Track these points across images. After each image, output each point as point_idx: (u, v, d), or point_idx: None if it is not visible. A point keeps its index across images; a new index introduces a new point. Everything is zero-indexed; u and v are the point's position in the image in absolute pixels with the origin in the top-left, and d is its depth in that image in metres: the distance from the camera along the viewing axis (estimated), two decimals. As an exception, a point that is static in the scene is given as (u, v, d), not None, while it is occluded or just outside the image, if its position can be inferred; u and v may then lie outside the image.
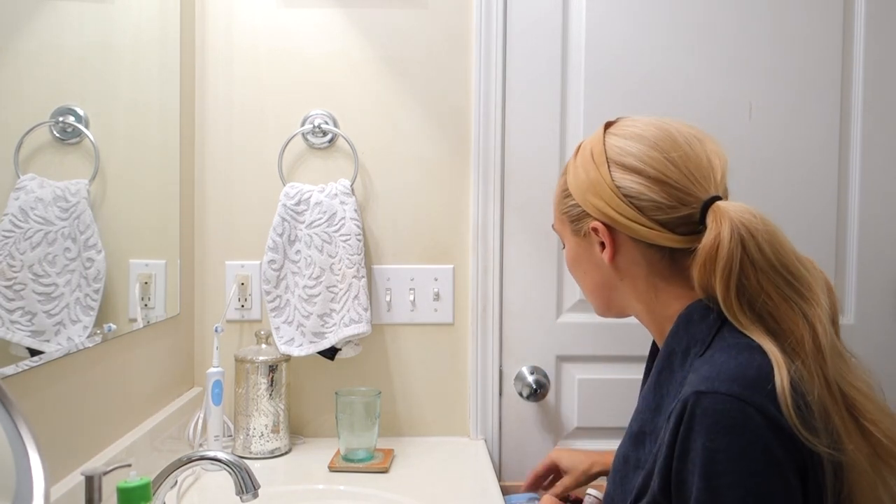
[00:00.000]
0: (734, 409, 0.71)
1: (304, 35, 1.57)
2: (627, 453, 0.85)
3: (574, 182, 0.91)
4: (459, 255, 1.60)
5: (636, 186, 0.85)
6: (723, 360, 0.76)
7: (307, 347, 1.51)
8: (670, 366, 0.83)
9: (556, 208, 0.97)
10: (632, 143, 0.87)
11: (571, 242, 0.95)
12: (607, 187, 0.86)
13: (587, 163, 0.90)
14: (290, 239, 1.52)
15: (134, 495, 0.89)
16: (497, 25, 1.56)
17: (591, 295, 0.97)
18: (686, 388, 0.75)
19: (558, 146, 1.58)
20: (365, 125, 1.58)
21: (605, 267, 0.91)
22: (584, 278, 0.96)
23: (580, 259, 0.94)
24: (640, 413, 0.85)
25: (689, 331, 0.83)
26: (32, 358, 0.93)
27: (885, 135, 1.59)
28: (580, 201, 0.90)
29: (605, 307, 0.96)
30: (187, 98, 1.53)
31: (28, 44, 0.95)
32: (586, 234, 0.91)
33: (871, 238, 1.60)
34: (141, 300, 1.29)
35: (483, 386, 1.58)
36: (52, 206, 0.99)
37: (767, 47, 1.57)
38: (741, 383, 0.73)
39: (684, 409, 0.73)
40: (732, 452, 0.70)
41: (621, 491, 0.85)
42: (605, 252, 0.90)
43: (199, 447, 1.44)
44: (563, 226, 0.96)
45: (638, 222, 0.85)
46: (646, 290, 0.89)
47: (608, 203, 0.87)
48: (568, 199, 0.93)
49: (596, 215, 0.88)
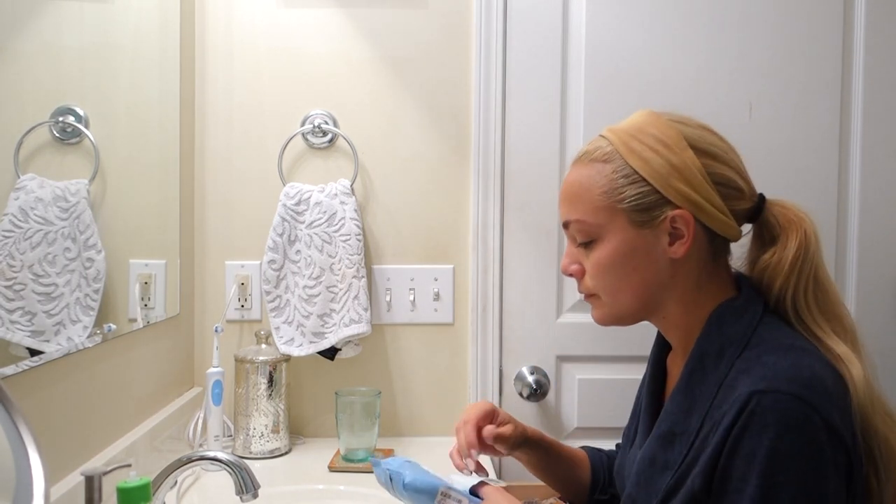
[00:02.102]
0: (796, 409, 0.72)
1: (304, 35, 1.57)
2: (655, 454, 0.84)
3: (648, 169, 0.83)
4: (459, 255, 1.60)
5: (723, 172, 0.83)
6: (773, 360, 0.76)
7: (307, 347, 1.51)
8: (702, 368, 0.82)
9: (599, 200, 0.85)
10: (699, 130, 0.86)
11: (623, 236, 0.84)
12: (697, 172, 0.82)
13: (661, 147, 0.83)
14: (290, 239, 1.52)
15: (134, 495, 0.89)
16: (497, 26, 1.56)
17: (629, 294, 0.86)
18: (740, 389, 0.75)
19: (558, 146, 1.58)
20: (365, 125, 1.58)
21: (663, 263, 0.84)
22: (630, 275, 0.85)
23: (635, 254, 0.84)
24: (671, 414, 0.84)
25: (723, 332, 0.82)
26: (32, 358, 0.93)
27: (885, 135, 1.59)
28: (661, 188, 0.82)
29: (638, 308, 0.88)
30: (187, 98, 1.53)
31: (28, 44, 0.95)
32: (657, 225, 0.83)
33: (871, 238, 1.60)
34: (141, 300, 1.29)
35: (483, 386, 1.58)
36: (52, 206, 0.99)
37: (767, 47, 1.57)
38: (799, 384, 0.73)
39: (741, 408, 0.73)
40: (791, 451, 0.71)
41: (645, 493, 0.84)
42: (678, 244, 0.83)
43: (199, 447, 1.44)
44: (613, 217, 0.84)
45: (721, 211, 0.83)
46: (694, 287, 0.85)
47: (697, 189, 0.82)
48: (637, 185, 0.83)
49: (681, 203, 0.82)
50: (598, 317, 0.92)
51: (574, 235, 0.89)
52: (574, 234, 0.89)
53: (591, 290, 0.90)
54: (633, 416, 1.04)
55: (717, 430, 0.75)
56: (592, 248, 0.87)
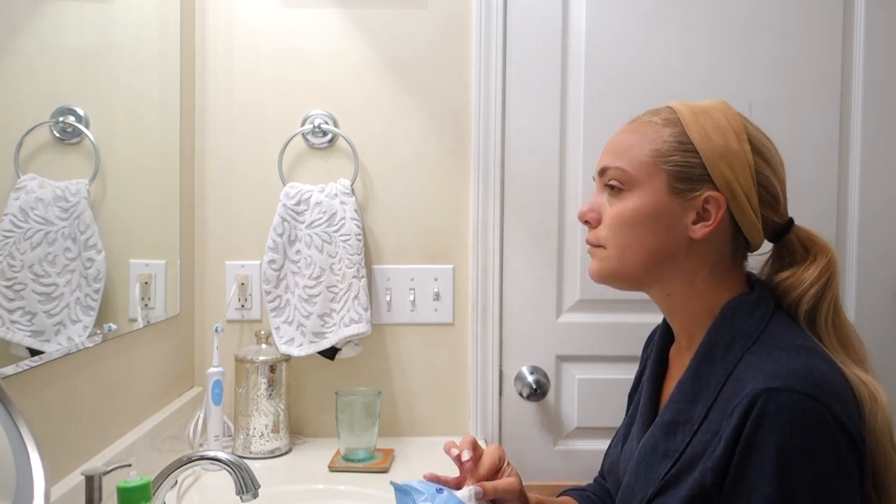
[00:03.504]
0: (810, 409, 0.72)
1: (304, 35, 1.57)
2: (657, 442, 0.84)
3: (705, 143, 0.83)
4: (459, 255, 1.60)
5: (769, 177, 0.85)
6: (787, 358, 0.76)
7: (307, 347, 1.51)
8: (711, 358, 0.83)
9: (646, 156, 0.85)
10: (761, 134, 0.88)
11: (655, 197, 0.84)
12: (747, 165, 0.83)
13: (724, 131, 0.84)
14: (290, 239, 1.52)
15: (134, 495, 0.89)
16: (497, 25, 1.56)
17: (638, 255, 0.86)
18: (750, 384, 0.75)
19: (558, 146, 1.58)
20: (365, 125, 1.58)
21: (681, 237, 0.85)
22: (646, 237, 0.85)
23: (658, 216, 0.84)
24: (676, 403, 0.84)
25: (735, 324, 0.83)
26: (33, 358, 0.93)
27: (885, 135, 1.59)
28: (709, 165, 0.83)
29: (641, 272, 0.87)
30: (187, 98, 1.53)
31: (28, 44, 0.95)
32: (690, 199, 0.83)
33: (871, 238, 1.60)
34: (141, 300, 1.29)
35: (483, 386, 1.58)
36: (52, 206, 0.99)
37: (767, 47, 1.57)
38: (812, 383, 0.73)
39: (752, 404, 0.73)
40: (807, 451, 0.71)
41: (644, 480, 0.84)
42: (701, 226, 0.84)
43: (199, 447, 1.44)
44: (653, 175, 0.85)
45: (755, 211, 0.85)
46: (706, 273, 0.86)
47: (740, 181, 0.83)
48: (688, 154, 0.84)
49: (721, 187, 0.83)
50: (595, 268, 0.90)
51: (607, 183, 0.88)
52: (608, 181, 0.88)
53: (602, 240, 0.89)
54: (628, 412, 1.04)
55: (728, 425, 0.75)
56: (620, 197, 0.87)
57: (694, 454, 0.78)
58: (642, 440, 0.88)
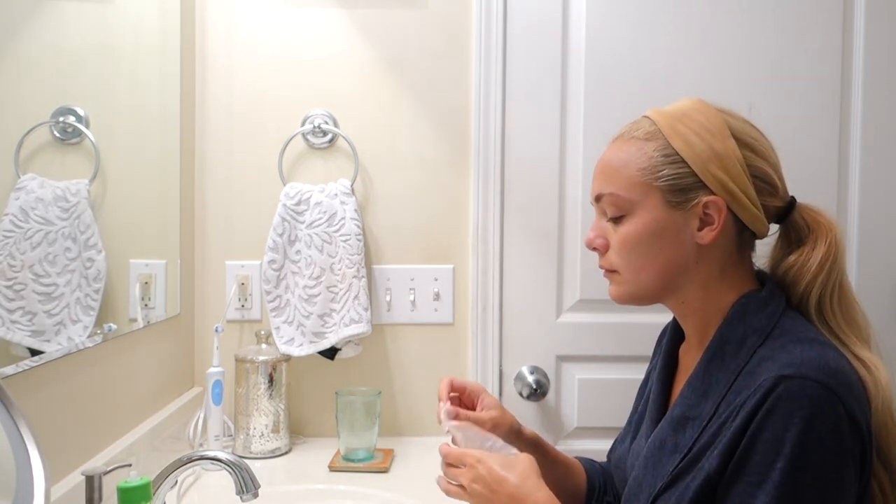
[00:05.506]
0: (822, 397, 0.72)
1: (305, 35, 1.57)
2: (665, 437, 0.85)
3: (690, 151, 0.83)
4: (459, 255, 1.60)
5: (761, 166, 0.85)
6: (801, 349, 0.77)
7: (307, 347, 1.51)
8: (722, 355, 0.83)
9: (636, 176, 0.85)
10: (743, 123, 0.87)
11: (655, 215, 0.85)
12: (737, 162, 0.83)
13: (706, 132, 0.84)
14: (290, 239, 1.52)
15: (134, 495, 0.89)
16: (497, 26, 1.56)
17: (652, 273, 0.86)
18: (764, 375, 0.75)
19: (558, 146, 1.58)
20: (365, 125, 1.58)
21: (689, 246, 0.85)
22: (656, 254, 0.85)
23: (663, 234, 0.85)
24: (686, 399, 0.84)
25: (746, 321, 0.83)
26: (33, 358, 0.93)
27: (885, 135, 1.59)
28: (700, 172, 0.83)
29: (659, 289, 0.87)
30: (187, 97, 1.53)
31: (28, 44, 0.95)
32: (690, 208, 0.83)
33: (871, 238, 1.60)
34: (141, 300, 1.29)
35: (483, 386, 1.58)
36: (52, 206, 0.99)
37: (767, 47, 1.57)
38: (827, 373, 0.74)
39: (767, 391, 0.74)
40: (817, 438, 0.72)
41: (652, 475, 0.84)
42: (707, 230, 0.84)
43: (200, 447, 1.44)
44: (647, 194, 0.85)
45: (754, 204, 0.85)
46: (718, 275, 0.86)
47: (734, 179, 0.83)
48: (675, 166, 0.84)
49: (717, 190, 0.83)
50: (615, 293, 0.90)
51: (605, 209, 0.89)
52: (605, 208, 0.89)
53: (615, 266, 0.89)
54: (637, 407, 1.04)
55: (739, 413, 0.75)
56: (622, 222, 0.87)
57: (702, 448, 0.79)
58: (651, 436, 0.88)
